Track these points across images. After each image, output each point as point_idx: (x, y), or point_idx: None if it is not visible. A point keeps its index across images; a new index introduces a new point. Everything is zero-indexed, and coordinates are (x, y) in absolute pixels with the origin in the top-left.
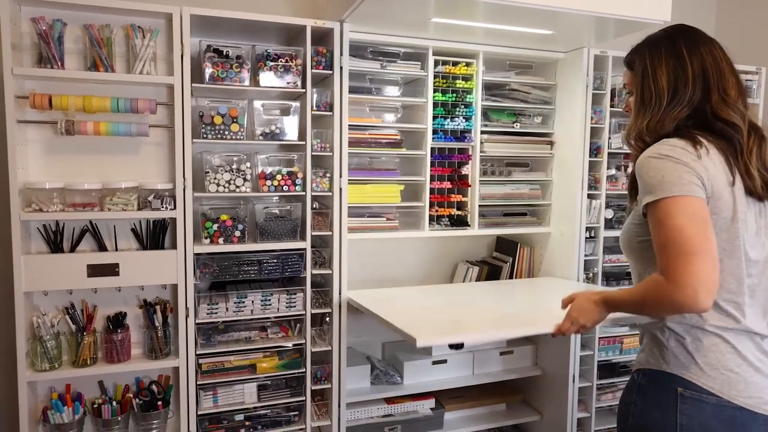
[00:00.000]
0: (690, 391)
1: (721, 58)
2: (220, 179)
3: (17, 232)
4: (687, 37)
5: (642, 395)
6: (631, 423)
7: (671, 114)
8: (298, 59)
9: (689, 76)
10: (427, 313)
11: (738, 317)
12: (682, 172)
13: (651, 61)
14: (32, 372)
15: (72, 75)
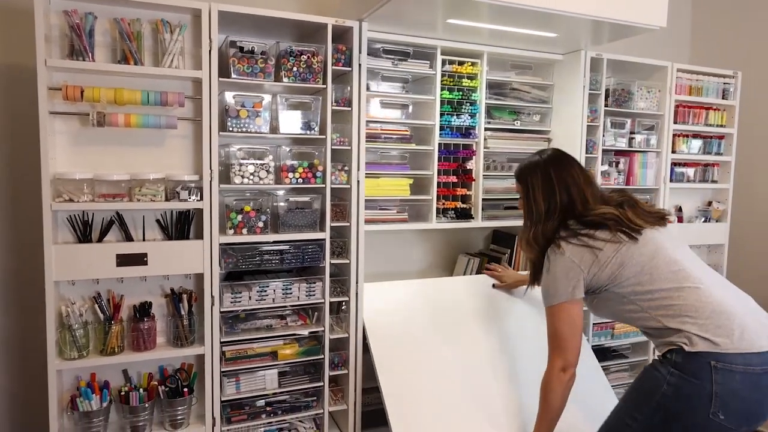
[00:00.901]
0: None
1: (580, 174)
2: (245, 171)
3: (48, 222)
4: (556, 164)
5: (679, 368)
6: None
7: (549, 224)
8: (319, 56)
9: (557, 197)
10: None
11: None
12: (562, 285)
13: (531, 185)
14: (61, 360)
15: (104, 67)
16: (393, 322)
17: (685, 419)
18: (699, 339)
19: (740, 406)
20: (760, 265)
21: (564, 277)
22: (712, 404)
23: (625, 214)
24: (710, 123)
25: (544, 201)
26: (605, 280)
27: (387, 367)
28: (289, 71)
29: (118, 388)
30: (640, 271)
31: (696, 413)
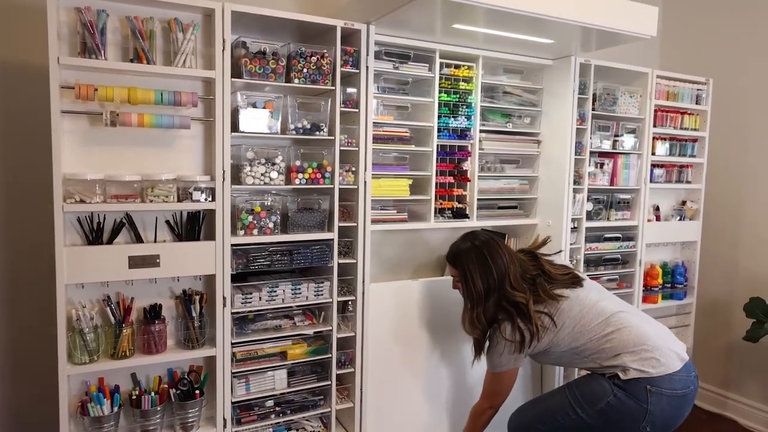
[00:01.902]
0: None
1: (507, 254)
2: (256, 172)
3: (60, 223)
4: (488, 247)
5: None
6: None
7: (489, 304)
8: (328, 57)
9: (494, 278)
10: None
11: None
12: (504, 360)
13: (468, 269)
14: (72, 365)
15: (117, 66)
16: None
17: (621, 427)
18: (632, 369)
19: (663, 421)
20: (729, 260)
21: (507, 353)
22: (644, 419)
23: (545, 290)
24: (685, 127)
25: (482, 282)
26: (544, 346)
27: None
28: (300, 72)
29: (126, 392)
30: (572, 331)
31: (631, 424)
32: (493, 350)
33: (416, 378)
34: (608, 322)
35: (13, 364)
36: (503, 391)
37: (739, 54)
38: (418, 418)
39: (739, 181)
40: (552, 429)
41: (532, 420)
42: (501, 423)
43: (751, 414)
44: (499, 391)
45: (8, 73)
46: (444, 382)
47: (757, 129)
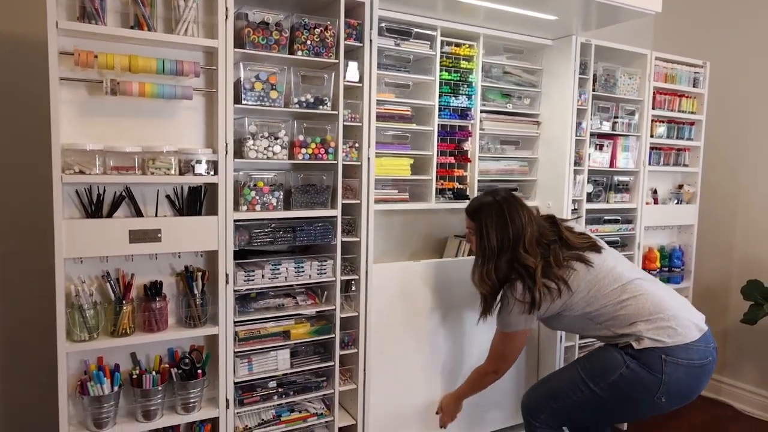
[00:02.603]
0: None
1: (526, 214)
2: (259, 146)
3: (59, 195)
4: (508, 204)
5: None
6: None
7: (501, 261)
8: (331, 30)
9: (510, 235)
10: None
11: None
12: (514, 320)
13: (485, 223)
14: (70, 343)
15: (118, 32)
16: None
17: (634, 398)
18: (647, 338)
19: (679, 392)
20: (726, 243)
21: (519, 312)
22: (659, 390)
23: (558, 257)
24: (683, 109)
25: (497, 239)
26: (557, 308)
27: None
28: (303, 44)
29: (127, 372)
30: (587, 296)
31: (645, 395)
32: (504, 309)
33: (418, 361)
34: (625, 288)
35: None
36: (511, 355)
37: (736, 38)
38: (420, 400)
39: (736, 165)
40: (565, 406)
41: (545, 398)
42: (497, 404)
43: (747, 398)
44: (506, 355)
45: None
46: (447, 365)
47: (754, 113)
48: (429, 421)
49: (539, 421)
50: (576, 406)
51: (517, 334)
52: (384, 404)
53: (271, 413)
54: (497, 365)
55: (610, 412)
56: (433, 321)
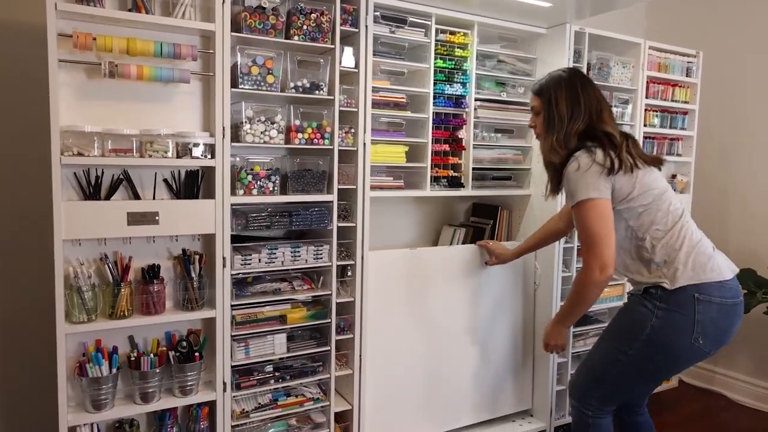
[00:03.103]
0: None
1: (599, 95)
2: (256, 130)
3: (57, 177)
4: (581, 78)
5: (665, 302)
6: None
7: (570, 131)
8: (328, 15)
9: (581, 107)
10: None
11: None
12: (592, 181)
13: (555, 96)
14: (69, 324)
15: (116, 15)
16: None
17: (671, 347)
18: (682, 274)
19: (715, 332)
20: (719, 232)
21: (594, 175)
22: (694, 331)
23: (631, 148)
24: (676, 99)
25: (567, 107)
26: (623, 195)
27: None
28: (299, 29)
29: (125, 354)
30: (651, 203)
31: (681, 340)
32: (576, 173)
33: (414, 347)
34: (677, 216)
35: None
36: (602, 231)
37: (728, 28)
38: (415, 387)
39: (729, 154)
40: (610, 384)
41: (588, 382)
42: (482, 396)
43: (740, 388)
44: (597, 234)
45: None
46: (442, 351)
47: (747, 102)
48: (425, 405)
49: (591, 409)
50: (620, 380)
51: (599, 201)
52: (380, 389)
53: (267, 397)
54: (598, 258)
55: (654, 372)
56: (429, 307)
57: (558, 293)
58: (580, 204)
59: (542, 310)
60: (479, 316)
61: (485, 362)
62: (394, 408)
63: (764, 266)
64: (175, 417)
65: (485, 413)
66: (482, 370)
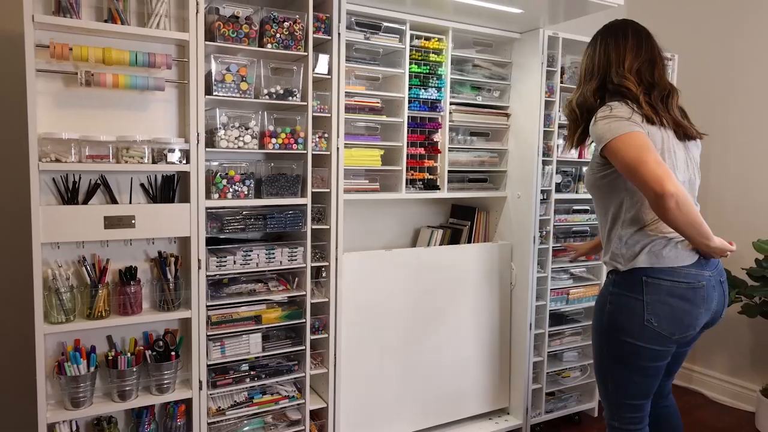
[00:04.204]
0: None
1: (638, 51)
2: (230, 135)
3: (35, 182)
4: (603, 34)
5: (617, 287)
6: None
7: (591, 85)
8: (300, 23)
9: (594, 63)
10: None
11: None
12: (616, 124)
13: (590, 45)
14: (48, 324)
15: (92, 26)
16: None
17: (627, 328)
18: (638, 258)
19: (669, 315)
20: None
21: (626, 116)
22: (645, 312)
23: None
24: None
25: (589, 60)
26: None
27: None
28: (272, 38)
29: (103, 354)
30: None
31: (633, 321)
32: (606, 117)
33: (389, 346)
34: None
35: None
36: (646, 157)
37: (705, 30)
38: (391, 385)
39: (704, 156)
40: (613, 382)
41: (600, 391)
42: (469, 391)
43: (717, 386)
44: (642, 161)
45: None
46: (416, 349)
47: (721, 105)
48: (400, 403)
49: (617, 420)
50: (614, 376)
51: (628, 134)
52: (356, 387)
53: (243, 395)
54: (653, 186)
55: (631, 360)
56: (404, 307)
57: (533, 293)
58: (610, 143)
59: (518, 310)
60: (456, 316)
61: (462, 361)
62: (370, 406)
63: (738, 267)
64: (152, 414)
65: (462, 411)
66: (459, 368)
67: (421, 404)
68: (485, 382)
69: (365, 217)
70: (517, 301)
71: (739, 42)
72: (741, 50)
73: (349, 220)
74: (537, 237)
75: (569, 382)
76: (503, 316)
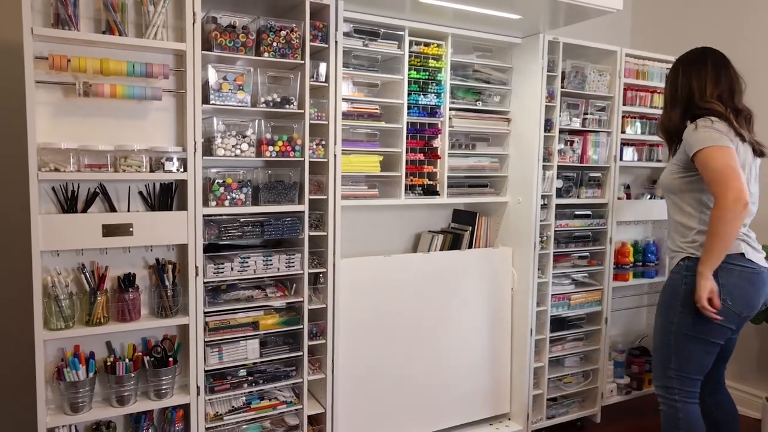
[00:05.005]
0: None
1: (717, 77)
2: (227, 144)
3: (35, 191)
4: (686, 61)
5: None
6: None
7: (677, 111)
8: (297, 32)
9: (688, 88)
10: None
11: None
12: (711, 134)
13: (670, 73)
14: (47, 331)
15: (90, 38)
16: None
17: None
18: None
19: (742, 295)
20: None
21: (723, 130)
22: (721, 293)
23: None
24: (656, 105)
25: (672, 87)
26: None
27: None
28: (269, 46)
29: (102, 360)
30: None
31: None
32: (695, 132)
33: (389, 351)
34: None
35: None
36: (729, 167)
37: (705, 30)
38: (390, 390)
39: None
40: (677, 355)
41: (661, 365)
42: (466, 396)
43: None
44: (724, 171)
45: None
46: (416, 354)
47: None
48: (400, 409)
49: (676, 392)
50: (681, 348)
51: (717, 147)
52: (355, 393)
53: (241, 400)
54: (726, 192)
55: (702, 333)
56: (404, 313)
57: (534, 298)
58: (702, 150)
59: (519, 315)
60: (455, 321)
61: (462, 366)
62: (370, 411)
63: None
64: (150, 419)
65: (462, 416)
66: (459, 373)
67: (420, 410)
68: (486, 387)
69: (367, 222)
70: (517, 307)
71: (743, 45)
72: (744, 52)
73: (351, 225)
74: (537, 242)
75: (571, 387)
76: (504, 322)
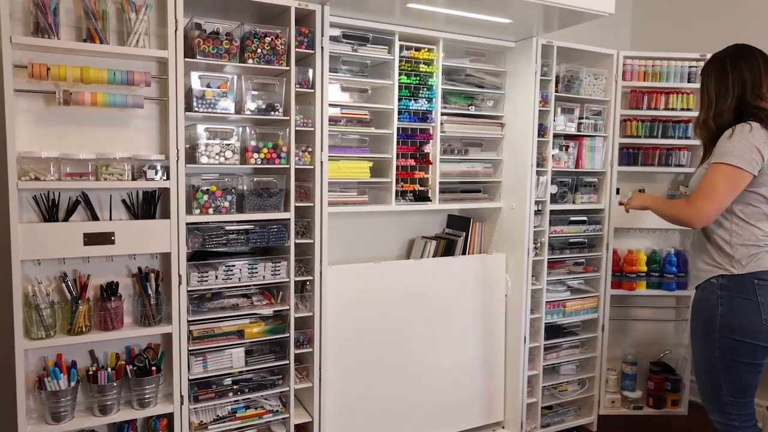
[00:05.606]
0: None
1: (755, 69)
2: (211, 151)
3: (14, 200)
4: (733, 55)
5: (726, 290)
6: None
7: (721, 110)
8: (282, 38)
9: (730, 85)
10: None
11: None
12: (740, 148)
13: (706, 75)
14: (28, 340)
15: (70, 45)
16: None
17: (745, 329)
18: (746, 264)
19: None
20: None
21: (745, 147)
22: (762, 312)
23: None
24: (672, 107)
25: (715, 87)
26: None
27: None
28: (254, 53)
29: (85, 368)
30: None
31: (751, 321)
32: (729, 140)
33: (379, 358)
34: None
35: None
36: (720, 190)
37: (707, 31)
38: (382, 398)
39: None
40: (728, 381)
41: (714, 394)
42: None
43: None
44: (714, 190)
45: None
46: (407, 362)
47: None
48: (390, 418)
49: (734, 417)
50: (730, 375)
51: (734, 168)
52: (344, 402)
53: (226, 409)
54: (697, 206)
55: (747, 357)
56: (394, 320)
57: (528, 305)
58: (719, 164)
59: (513, 323)
60: (448, 328)
61: (455, 374)
62: (358, 420)
63: None
64: (133, 428)
65: (455, 425)
66: (452, 381)
67: (412, 418)
68: (479, 395)
69: (360, 229)
70: (511, 314)
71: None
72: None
73: (343, 231)
74: (531, 248)
75: (566, 395)
76: (497, 329)
